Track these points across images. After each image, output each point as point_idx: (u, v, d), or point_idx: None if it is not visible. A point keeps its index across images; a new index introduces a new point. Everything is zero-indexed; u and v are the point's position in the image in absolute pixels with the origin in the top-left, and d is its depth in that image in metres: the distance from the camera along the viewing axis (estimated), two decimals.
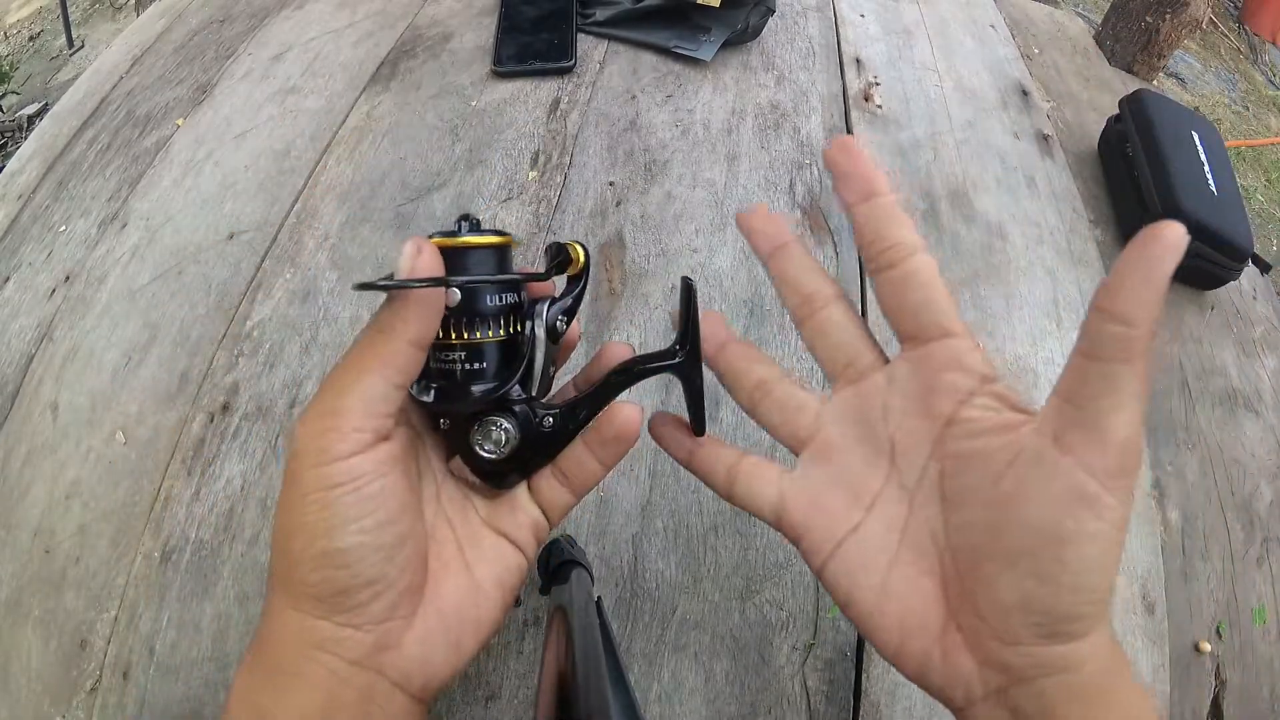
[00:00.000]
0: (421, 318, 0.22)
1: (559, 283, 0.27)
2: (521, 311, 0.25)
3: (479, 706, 0.45)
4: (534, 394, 0.26)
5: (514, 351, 0.25)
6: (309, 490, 0.21)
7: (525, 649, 0.47)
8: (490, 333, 0.24)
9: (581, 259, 0.27)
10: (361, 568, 0.21)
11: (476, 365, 0.25)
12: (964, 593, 0.22)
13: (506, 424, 0.25)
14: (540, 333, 0.25)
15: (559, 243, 0.27)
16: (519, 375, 0.25)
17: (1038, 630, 0.21)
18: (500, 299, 0.25)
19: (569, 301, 0.26)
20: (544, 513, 0.27)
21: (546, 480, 0.27)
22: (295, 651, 0.21)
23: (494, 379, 0.25)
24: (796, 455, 0.27)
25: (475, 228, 0.25)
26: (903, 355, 0.25)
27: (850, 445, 0.25)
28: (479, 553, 0.26)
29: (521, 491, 0.27)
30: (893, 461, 0.24)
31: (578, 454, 0.27)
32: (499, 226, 0.30)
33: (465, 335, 0.24)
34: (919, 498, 0.24)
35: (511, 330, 0.25)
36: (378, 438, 0.22)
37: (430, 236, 0.25)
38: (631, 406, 0.26)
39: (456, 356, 0.24)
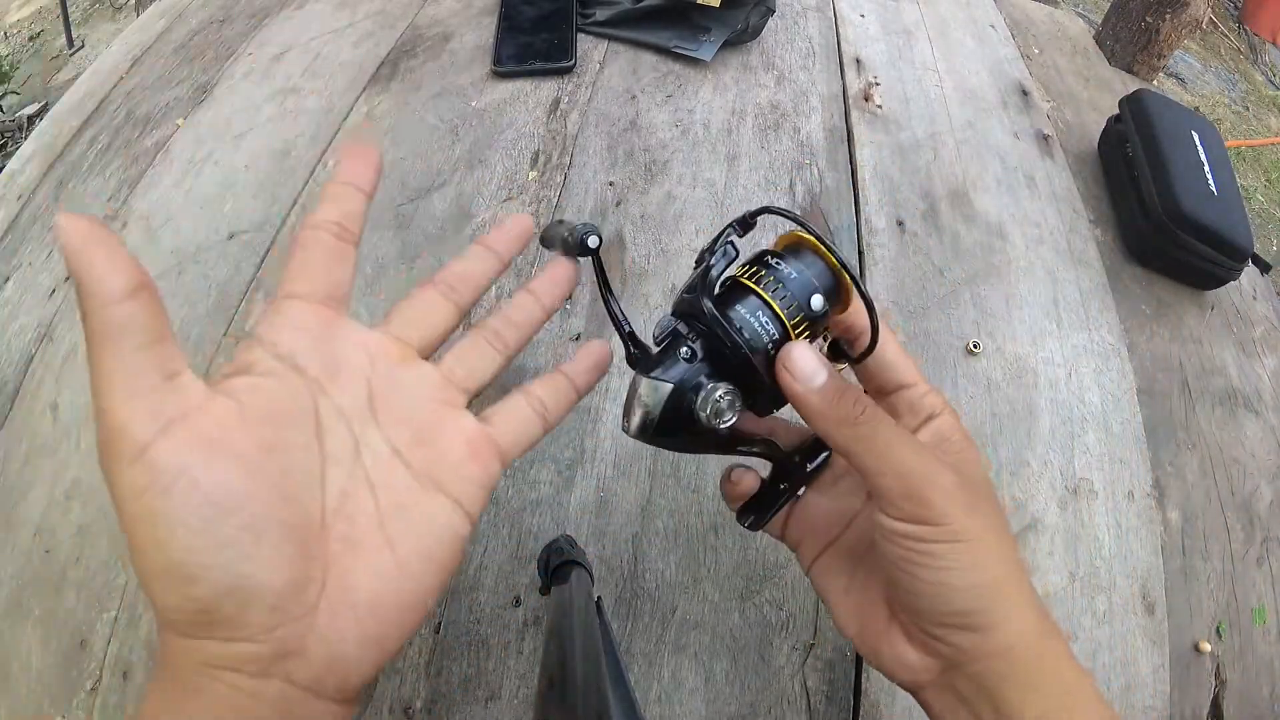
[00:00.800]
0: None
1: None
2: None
3: (479, 706, 0.45)
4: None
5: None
6: (120, 502, 0.18)
7: (525, 649, 0.47)
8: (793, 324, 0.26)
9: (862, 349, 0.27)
10: (208, 576, 0.18)
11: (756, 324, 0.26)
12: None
13: (739, 408, 0.26)
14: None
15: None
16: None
17: (940, 625, 0.24)
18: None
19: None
20: (501, 453, 0.25)
21: (513, 408, 0.26)
22: (190, 670, 0.19)
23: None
24: None
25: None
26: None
27: (846, 474, 0.30)
28: (405, 523, 0.22)
29: (474, 428, 0.24)
30: None
31: (556, 381, 0.27)
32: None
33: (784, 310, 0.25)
34: None
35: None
36: (171, 418, 0.19)
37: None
38: (602, 344, 0.28)
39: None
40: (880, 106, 0.78)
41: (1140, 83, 0.93)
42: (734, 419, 0.25)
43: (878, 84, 0.80)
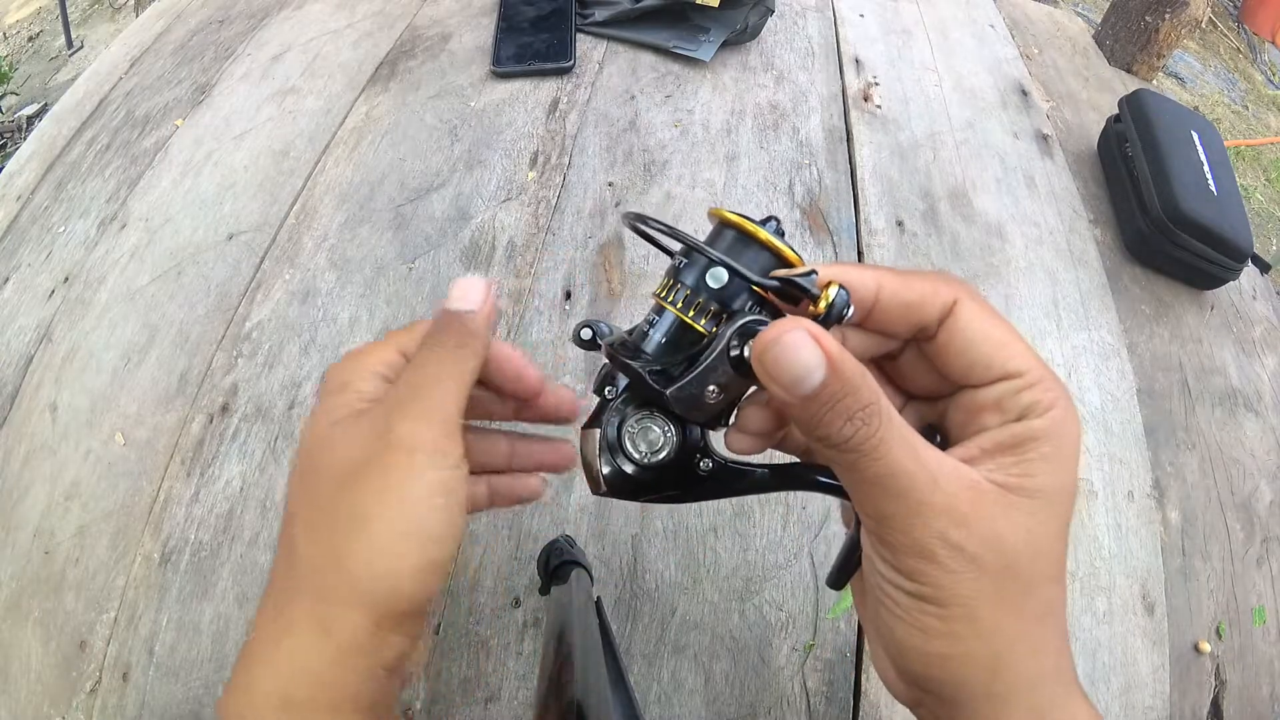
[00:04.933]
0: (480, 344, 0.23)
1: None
2: (732, 319, 0.21)
3: (479, 708, 0.45)
4: (710, 420, 0.22)
5: (693, 348, 0.22)
6: (433, 493, 0.20)
7: (525, 649, 0.47)
8: (691, 314, 0.21)
9: (828, 301, 0.20)
10: (446, 569, 0.21)
11: (653, 331, 0.22)
12: None
13: (673, 434, 0.22)
14: (727, 348, 0.21)
15: (814, 271, 0.21)
16: (679, 372, 0.21)
17: (919, 687, 0.21)
18: (732, 294, 0.21)
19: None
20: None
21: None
22: (349, 665, 0.20)
23: (656, 359, 0.22)
24: None
25: (779, 233, 0.22)
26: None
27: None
28: None
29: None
30: None
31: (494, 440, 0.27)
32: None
33: (667, 297, 0.22)
34: None
35: (709, 327, 0.21)
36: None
37: (731, 212, 0.22)
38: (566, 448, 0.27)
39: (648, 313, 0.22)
40: (879, 106, 0.78)
41: (1140, 82, 0.93)
42: (668, 448, 0.22)
43: (877, 84, 0.80)
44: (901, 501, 0.19)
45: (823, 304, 0.20)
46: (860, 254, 0.65)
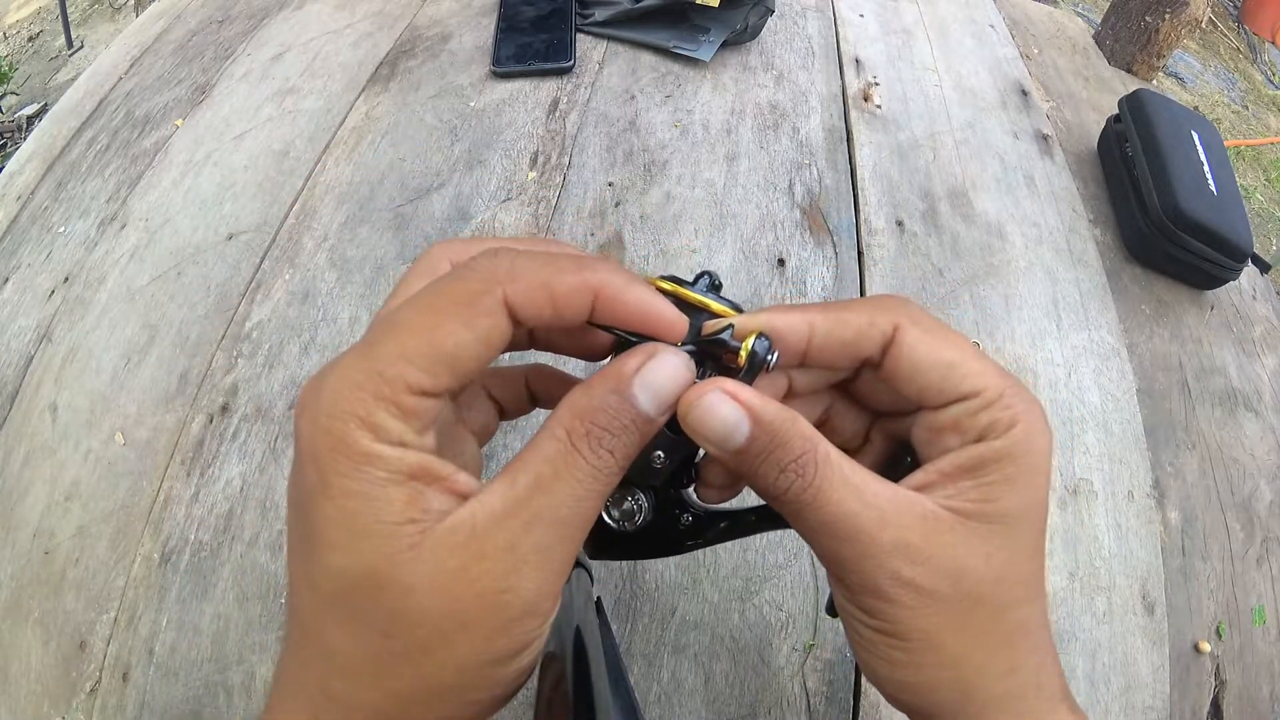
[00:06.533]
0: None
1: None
2: None
3: None
4: (668, 481, 0.23)
5: None
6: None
7: None
8: None
9: (748, 351, 0.20)
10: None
11: None
12: None
13: (643, 501, 0.23)
14: None
15: (731, 325, 0.21)
16: None
17: (902, 709, 0.21)
18: None
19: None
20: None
21: (481, 403, 0.25)
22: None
23: None
24: None
25: (713, 287, 0.22)
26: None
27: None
28: None
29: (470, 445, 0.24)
30: None
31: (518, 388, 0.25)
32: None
33: None
34: None
35: None
36: None
37: (660, 277, 0.23)
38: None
39: None
40: (880, 106, 0.78)
41: (1140, 82, 0.93)
42: (641, 514, 0.23)
43: (877, 84, 0.80)
44: (850, 544, 0.19)
45: (742, 356, 0.20)
46: (860, 253, 0.66)
